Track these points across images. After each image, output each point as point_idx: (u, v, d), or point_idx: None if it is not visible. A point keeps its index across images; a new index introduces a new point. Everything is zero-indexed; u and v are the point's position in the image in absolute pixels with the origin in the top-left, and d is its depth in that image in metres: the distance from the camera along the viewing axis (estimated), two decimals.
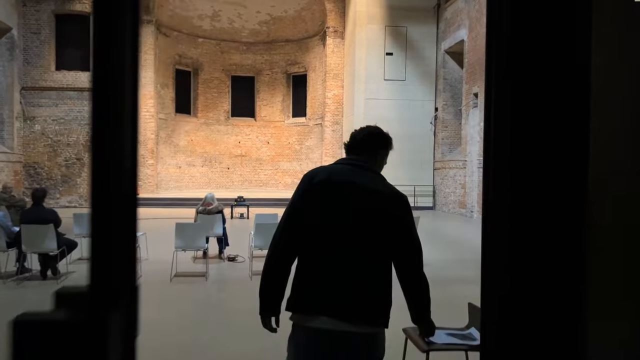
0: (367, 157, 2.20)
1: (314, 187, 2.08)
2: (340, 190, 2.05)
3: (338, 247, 2.00)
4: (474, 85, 16.35)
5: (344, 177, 2.09)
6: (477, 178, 15.97)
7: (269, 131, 25.01)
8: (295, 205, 2.10)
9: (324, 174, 2.11)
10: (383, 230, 2.03)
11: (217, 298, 6.13)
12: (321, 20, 22.44)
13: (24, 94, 17.82)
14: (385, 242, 2.04)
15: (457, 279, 7.32)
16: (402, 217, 2.07)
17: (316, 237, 2.03)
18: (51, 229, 6.35)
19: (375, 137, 2.25)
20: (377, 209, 2.03)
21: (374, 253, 2.02)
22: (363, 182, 2.07)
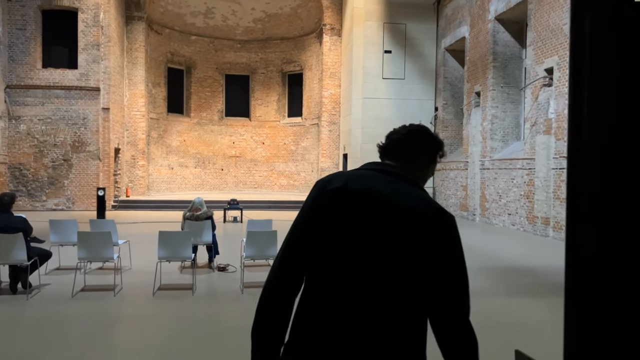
0: (404, 163, 1.67)
1: (326, 197, 1.58)
2: (360, 204, 1.53)
3: (353, 281, 1.49)
4: (475, 84, 15.80)
5: (366, 186, 1.56)
6: (479, 179, 15.42)
7: (264, 131, 24.39)
8: (303, 219, 1.61)
9: (340, 180, 1.61)
10: (416, 261, 1.48)
11: (204, 315, 5.52)
12: (317, 17, 21.85)
13: (8, 93, 17.13)
14: (419, 279, 1.49)
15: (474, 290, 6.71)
16: (443, 245, 1.49)
17: (325, 264, 1.53)
18: (20, 238, 5.72)
19: (416, 137, 1.71)
20: (409, 232, 1.48)
21: (402, 292, 1.48)
22: (392, 195, 1.53)
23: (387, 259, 1.48)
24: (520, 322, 5.41)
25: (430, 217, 1.50)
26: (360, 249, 1.49)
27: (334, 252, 1.51)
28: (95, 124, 17.72)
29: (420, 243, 1.47)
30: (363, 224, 1.50)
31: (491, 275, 7.71)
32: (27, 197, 17.42)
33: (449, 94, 18.34)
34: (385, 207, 1.50)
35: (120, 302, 5.88)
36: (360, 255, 1.49)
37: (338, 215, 1.53)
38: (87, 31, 17.56)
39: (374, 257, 1.48)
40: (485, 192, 15.07)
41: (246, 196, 20.77)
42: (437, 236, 1.48)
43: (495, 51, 14.72)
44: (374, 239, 1.49)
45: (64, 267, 7.48)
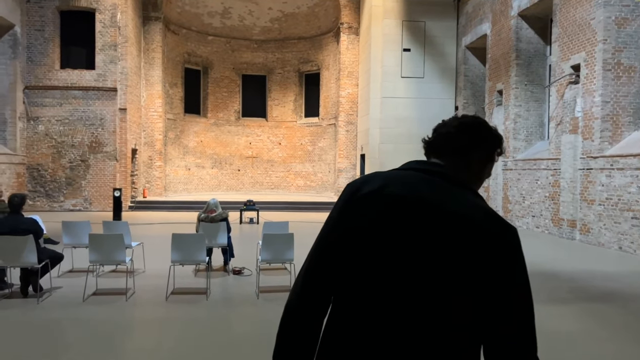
0: (454, 162, 1.39)
1: (358, 202, 1.32)
2: (398, 211, 1.26)
3: (391, 305, 1.22)
4: (497, 82, 15.38)
5: (407, 190, 1.29)
6: (501, 180, 14.99)
7: (281, 132, 24.21)
8: (330, 229, 1.36)
9: (375, 182, 1.34)
10: (468, 282, 1.19)
11: (218, 321, 5.29)
12: (335, 16, 21.59)
13: (27, 93, 17.20)
14: (473, 304, 1.20)
15: None
16: (502, 263, 1.20)
17: (356, 283, 1.27)
18: (30, 240, 5.56)
19: (469, 131, 1.42)
20: (459, 246, 1.20)
21: (451, 320, 1.20)
22: (437, 200, 1.26)
23: (432, 279, 1.20)
24: (551, 333, 5.07)
25: (487, 228, 1.22)
26: (399, 266, 1.23)
27: (367, 269, 1.26)
28: (113, 124, 17.71)
29: (474, 260, 1.19)
30: (402, 236, 1.24)
31: None
32: (45, 197, 17.47)
33: (469, 92, 17.92)
34: (429, 216, 1.24)
35: (132, 307, 5.69)
36: (399, 274, 1.23)
37: (372, 225, 1.27)
38: (105, 32, 17.56)
39: (416, 276, 1.21)
40: (508, 194, 14.64)
41: (263, 197, 20.59)
42: (495, 251, 1.20)
43: (518, 48, 14.29)
44: (415, 254, 1.22)
45: (77, 270, 7.33)
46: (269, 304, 5.85)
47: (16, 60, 16.64)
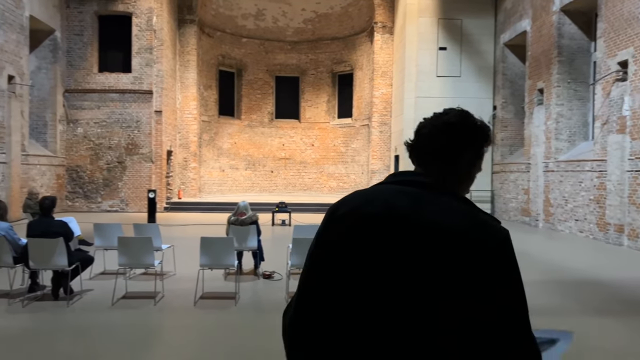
0: (440, 166, 1.30)
1: (333, 225, 1.26)
2: (369, 229, 1.19)
3: (375, 333, 1.13)
4: (538, 81, 14.79)
5: (382, 207, 1.20)
6: (542, 182, 14.41)
7: (314, 133, 24.09)
8: (311, 253, 1.30)
9: (351, 203, 1.27)
10: (457, 300, 1.09)
11: (247, 328, 5.14)
12: (369, 15, 21.31)
13: (67, 97, 17.63)
14: (464, 324, 1.10)
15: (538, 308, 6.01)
16: (493, 273, 1.11)
17: (339, 312, 1.18)
18: (61, 243, 5.55)
19: (454, 131, 1.30)
20: (440, 260, 1.10)
21: (443, 345, 1.10)
22: (413, 212, 1.17)
23: (409, 297, 1.10)
24: (599, 348, 4.71)
25: (473, 238, 1.12)
26: (373, 286, 1.14)
27: (345, 296, 1.17)
28: (148, 126, 17.95)
29: (459, 272, 1.09)
30: (373, 255, 1.16)
31: (557, 290, 6.95)
32: (84, 198, 17.85)
33: (508, 91, 17.33)
34: (401, 231, 1.15)
35: (160, 312, 5.61)
36: (373, 294, 1.14)
37: (342, 246, 1.20)
38: (141, 35, 17.83)
39: (391, 295, 1.12)
40: (549, 196, 14.05)
41: (295, 198, 20.49)
42: (483, 261, 1.10)
43: (560, 45, 13.69)
44: (389, 272, 1.13)
45: (108, 272, 7.34)
46: None
47: (56, 65, 17.07)
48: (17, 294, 5.95)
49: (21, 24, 14.68)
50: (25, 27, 14.93)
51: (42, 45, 16.90)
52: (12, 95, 14.23)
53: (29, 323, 5.17)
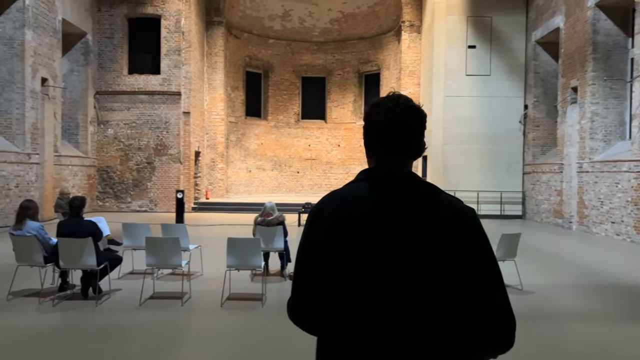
0: (409, 153, 1.39)
1: (320, 232, 1.34)
2: (382, 232, 1.28)
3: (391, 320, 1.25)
4: (572, 79, 14.36)
5: (365, 208, 1.31)
6: (576, 184, 13.97)
7: (340, 133, 23.98)
8: (303, 260, 1.38)
9: (329, 208, 1.35)
10: (457, 281, 1.27)
11: (273, 330, 5.08)
12: (396, 14, 21.10)
13: (98, 98, 17.95)
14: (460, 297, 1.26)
15: (573, 313, 5.80)
16: (483, 250, 1.31)
17: (357, 308, 1.28)
18: (90, 243, 5.59)
19: (421, 115, 1.40)
20: (448, 251, 1.27)
21: (444, 331, 1.26)
22: (409, 208, 1.31)
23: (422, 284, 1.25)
24: (632, 357, 4.48)
25: (455, 224, 1.29)
26: (385, 281, 1.26)
27: (360, 290, 1.27)
28: (177, 127, 18.14)
29: (453, 254, 1.26)
30: (381, 254, 1.26)
31: (593, 294, 6.69)
32: (114, 198, 18.15)
33: (540, 90, 16.89)
34: (399, 226, 1.27)
35: (187, 313, 5.59)
36: (389, 287, 1.25)
37: (350, 250, 1.28)
38: (169, 37, 18.03)
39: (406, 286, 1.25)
40: (583, 198, 13.61)
41: None
42: (469, 241, 1.29)
43: (595, 41, 13.26)
44: (399, 266, 1.26)
45: (136, 271, 7.39)
46: None
47: (88, 67, 17.40)
48: (47, 292, 6.02)
49: (54, 27, 15.01)
50: (58, 31, 15.26)
51: (74, 48, 17.26)
52: (46, 97, 14.55)
53: (59, 322, 5.21)
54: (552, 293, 6.70)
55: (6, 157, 12.82)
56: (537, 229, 14.38)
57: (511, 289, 6.80)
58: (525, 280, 6.91)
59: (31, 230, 5.80)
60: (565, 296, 6.63)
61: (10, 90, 13.38)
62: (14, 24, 13.35)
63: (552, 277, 7.85)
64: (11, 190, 12.98)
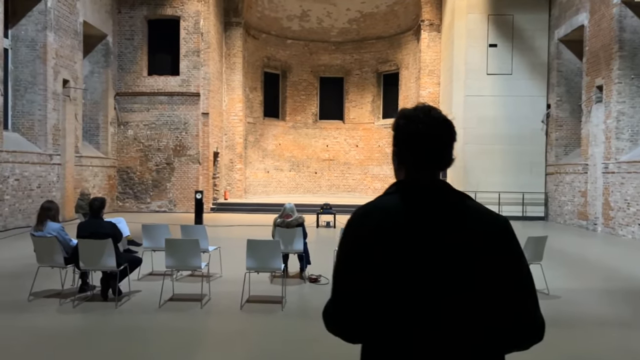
0: (441, 165, 1.43)
1: (369, 242, 1.34)
2: (421, 241, 1.33)
3: (428, 324, 1.32)
4: (597, 77, 14.02)
5: (397, 219, 1.35)
6: (601, 185, 13.64)
7: (358, 134, 23.83)
8: (344, 270, 1.38)
9: (373, 219, 1.37)
10: (492, 286, 1.33)
11: (294, 335, 4.99)
12: (415, 13, 20.89)
13: (118, 100, 18.11)
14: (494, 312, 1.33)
15: (601, 318, 5.60)
16: (517, 257, 1.38)
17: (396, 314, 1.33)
18: (109, 244, 5.57)
19: (450, 128, 1.43)
20: (483, 258, 1.32)
21: (480, 330, 1.33)
22: (445, 218, 1.35)
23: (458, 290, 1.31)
24: None
25: (490, 232, 1.35)
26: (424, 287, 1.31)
27: (399, 297, 1.32)
28: (196, 128, 18.20)
29: (488, 261, 1.32)
30: (420, 262, 1.31)
31: (621, 299, 6.47)
32: (134, 199, 18.28)
33: (563, 89, 16.55)
34: (437, 235, 1.33)
35: (206, 316, 5.53)
36: (427, 292, 1.31)
37: (390, 259, 1.32)
38: (188, 38, 18.10)
39: (444, 292, 1.31)
40: (609, 199, 13.27)
41: (339, 200, 20.31)
42: (503, 249, 1.35)
43: (621, 39, 12.92)
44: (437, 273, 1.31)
45: (156, 273, 7.37)
46: None
47: (108, 69, 17.56)
48: (68, 293, 6.02)
49: (75, 29, 15.17)
50: (79, 33, 15.42)
51: (95, 50, 17.43)
52: (67, 98, 14.71)
53: (79, 323, 5.20)
54: (579, 298, 6.49)
55: (29, 158, 12.98)
56: (560, 231, 14.07)
57: (537, 293, 6.61)
58: (552, 285, 6.71)
59: (52, 231, 5.81)
60: (592, 301, 6.42)
61: (32, 92, 13.55)
62: (36, 26, 13.52)
63: (578, 281, 7.62)
64: (33, 191, 13.14)
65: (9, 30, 13.36)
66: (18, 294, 6.08)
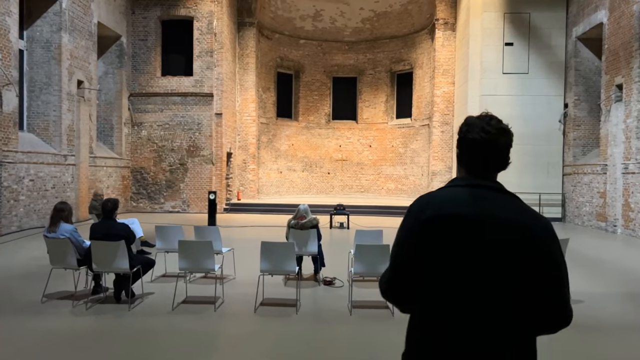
0: (498, 168, 1.64)
1: (422, 225, 1.58)
2: (456, 227, 1.54)
3: (474, 305, 1.49)
4: (616, 76, 13.73)
5: (461, 208, 1.56)
6: (621, 185, 13.35)
7: (371, 134, 23.67)
8: (402, 246, 1.64)
9: (433, 207, 1.59)
10: (532, 276, 1.51)
11: (309, 339, 4.89)
12: (429, 12, 20.68)
13: (132, 100, 18.17)
14: (532, 291, 1.52)
15: (626, 324, 5.41)
16: (557, 256, 1.55)
17: (444, 293, 1.53)
18: (122, 246, 5.52)
19: (508, 136, 1.64)
20: (526, 251, 1.51)
21: (517, 306, 1.50)
22: (488, 211, 1.55)
23: (504, 282, 1.49)
24: None
25: (535, 230, 1.53)
26: (474, 271, 1.50)
27: (449, 278, 1.52)
28: (209, 129, 18.20)
29: (531, 254, 1.50)
30: (472, 248, 1.51)
31: None
32: (147, 199, 18.33)
33: (581, 88, 16.24)
34: (483, 227, 1.52)
35: (220, 319, 5.45)
36: (476, 276, 1.50)
37: (445, 243, 1.53)
38: (202, 38, 18.10)
39: (490, 276, 1.49)
40: (629, 200, 12.98)
41: (352, 200, 20.19)
42: (545, 246, 1.53)
43: None
44: (485, 259, 1.50)
45: (169, 274, 7.32)
46: (363, 322, 5.35)
47: (122, 69, 17.62)
48: (81, 295, 5.98)
49: (89, 30, 15.23)
50: (93, 34, 15.49)
51: (109, 50, 17.51)
52: (81, 99, 14.77)
53: (92, 326, 5.14)
54: (602, 302, 6.30)
55: (43, 159, 13.04)
56: (579, 233, 13.80)
57: None
58: (574, 288, 6.51)
59: (64, 232, 5.77)
60: (615, 305, 6.23)
61: (47, 93, 13.62)
62: (51, 27, 13.59)
63: (601, 284, 7.42)
64: (48, 191, 13.21)
65: (24, 32, 13.45)
66: (32, 295, 6.06)
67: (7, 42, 11.62)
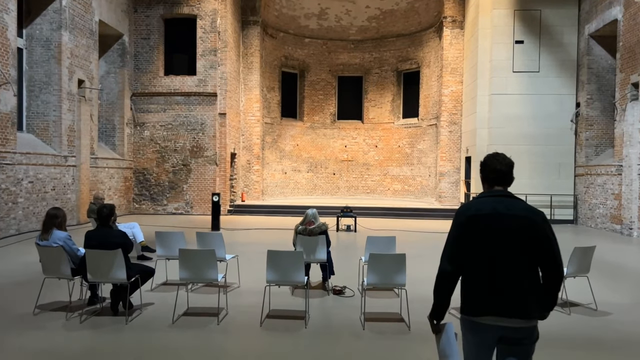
0: (507, 184, 2.70)
1: (469, 220, 2.59)
2: (491, 220, 2.55)
3: (502, 266, 2.53)
4: (632, 74, 13.31)
5: (491, 208, 2.58)
6: (637, 187, 12.93)
7: (377, 134, 23.28)
8: (456, 237, 2.63)
9: (474, 207, 2.62)
10: (535, 247, 2.53)
11: (319, 357, 4.52)
12: (437, 10, 20.28)
13: (134, 100, 17.84)
14: (536, 256, 2.55)
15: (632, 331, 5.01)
16: (549, 234, 2.55)
17: (483, 261, 2.55)
18: (119, 255, 5.17)
19: (512, 166, 2.71)
20: (523, 229, 2.52)
21: (528, 266, 2.53)
22: (507, 210, 2.55)
23: (521, 250, 2.52)
24: None
25: (533, 219, 2.54)
26: (507, 249, 2.53)
27: (486, 251, 2.55)
28: (213, 129, 17.86)
29: (533, 235, 2.53)
30: (496, 232, 2.54)
31: None
32: (150, 201, 18.00)
33: (594, 87, 15.82)
34: (505, 219, 2.54)
35: (224, 334, 5.08)
36: (507, 253, 2.52)
37: (481, 231, 2.56)
38: (205, 37, 17.76)
39: (514, 252, 2.52)
40: None
41: (358, 201, 19.81)
42: (544, 229, 2.54)
43: None
44: (505, 239, 2.53)
45: (170, 282, 6.97)
46: (378, 338, 4.96)
47: (124, 69, 17.30)
48: (75, 307, 5.63)
49: (91, 29, 14.91)
50: (94, 32, 15.16)
51: (111, 49, 17.19)
52: (82, 99, 14.45)
53: (86, 342, 4.78)
54: (632, 314, 5.90)
55: (43, 160, 12.72)
56: (592, 236, 13.37)
57: (584, 308, 6.05)
58: (599, 298, 6.15)
59: (57, 240, 5.42)
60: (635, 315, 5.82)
61: (47, 93, 13.30)
62: (51, 25, 13.27)
63: (626, 294, 7.01)
64: (48, 194, 12.89)
65: (23, 30, 13.13)
66: (24, 306, 5.72)
67: (5, 40, 11.30)
